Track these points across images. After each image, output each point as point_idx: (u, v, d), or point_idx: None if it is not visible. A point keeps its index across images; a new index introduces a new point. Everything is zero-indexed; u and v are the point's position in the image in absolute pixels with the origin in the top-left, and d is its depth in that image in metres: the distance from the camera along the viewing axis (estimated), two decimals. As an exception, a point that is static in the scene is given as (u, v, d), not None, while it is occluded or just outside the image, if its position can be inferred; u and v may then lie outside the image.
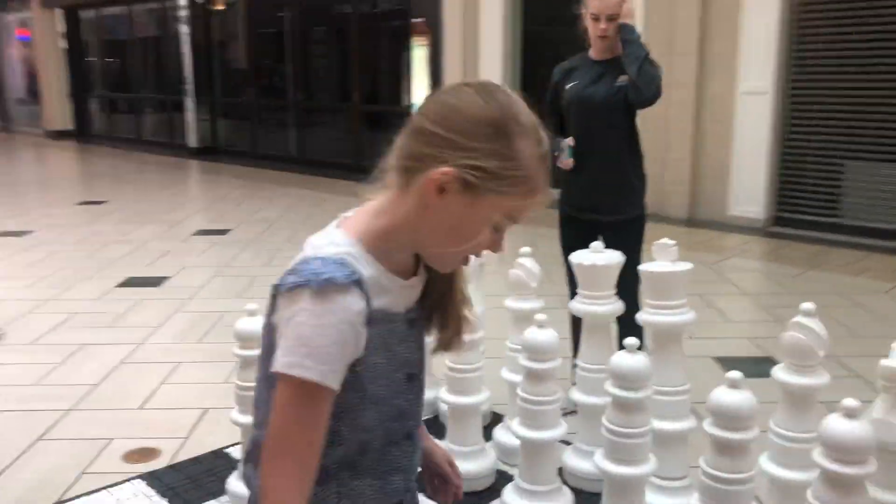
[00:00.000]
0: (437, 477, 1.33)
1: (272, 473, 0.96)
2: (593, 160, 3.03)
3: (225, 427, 2.92)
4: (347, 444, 1.06)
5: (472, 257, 1.07)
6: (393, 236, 1.04)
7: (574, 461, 2.67)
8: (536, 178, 1.00)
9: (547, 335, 2.33)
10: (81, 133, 16.23)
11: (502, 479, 2.66)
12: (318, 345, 0.94)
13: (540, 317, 2.36)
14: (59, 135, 16.00)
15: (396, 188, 1.03)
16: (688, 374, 2.47)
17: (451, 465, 1.35)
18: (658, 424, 2.32)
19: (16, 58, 18.38)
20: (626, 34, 2.94)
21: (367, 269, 1.01)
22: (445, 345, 1.17)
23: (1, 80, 18.61)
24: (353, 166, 10.64)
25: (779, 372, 2.05)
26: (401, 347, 1.09)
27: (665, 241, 2.44)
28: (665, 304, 2.41)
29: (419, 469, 1.25)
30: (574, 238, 3.06)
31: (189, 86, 13.11)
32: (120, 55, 15.84)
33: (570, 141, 3.04)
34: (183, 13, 12.83)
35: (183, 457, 2.94)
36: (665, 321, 2.41)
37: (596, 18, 2.96)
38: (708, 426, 1.91)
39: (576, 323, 3.06)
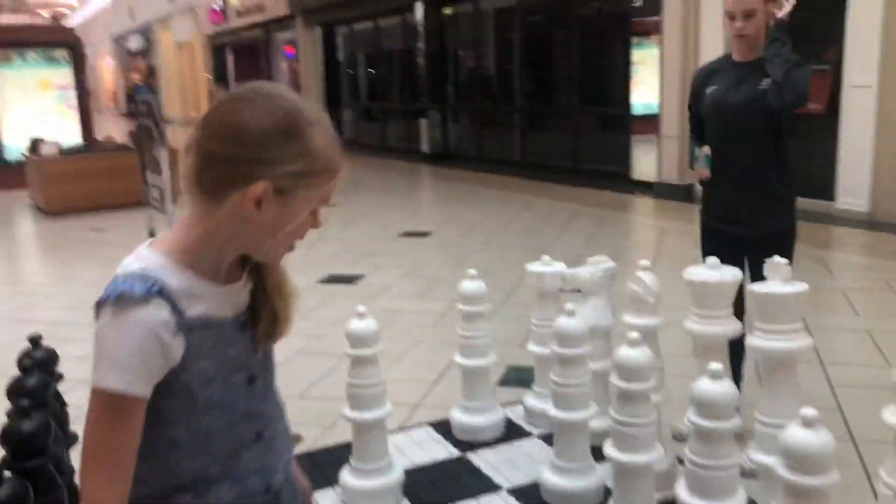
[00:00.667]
0: None
1: (88, 479, 1.03)
2: (733, 169, 2.82)
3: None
4: (192, 452, 1.10)
5: None
6: (208, 247, 1.07)
7: None
8: (335, 161, 1.08)
9: (638, 353, 2.20)
10: (334, 140, 17.73)
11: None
12: (120, 357, 1.00)
13: (633, 335, 2.23)
14: (315, 142, 17.62)
15: (204, 206, 1.06)
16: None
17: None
18: (763, 458, 2.11)
19: (284, 73, 20.55)
20: (775, 31, 2.67)
21: (175, 279, 1.04)
22: (275, 335, 1.20)
23: (272, 93, 20.86)
24: (572, 169, 10.60)
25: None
26: (233, 350, 1.12)
27: (776, 259, 2.20)
28: (777, 328, 2.16)
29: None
30: (715, 251, 2.84)
31: (424, 94, 13.83)
32: (369, 66, 17.09)
33: (706, 149, 2.83)
34: (419, 25, 13.55)
35: (321, 445, 3.15)
36: (777, 347, 2.17)
37: (731, 16, 2.74)
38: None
39: (733, 349, 2.81)
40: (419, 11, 13.39)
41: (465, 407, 3.02)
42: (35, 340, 2.08)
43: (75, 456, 1.20)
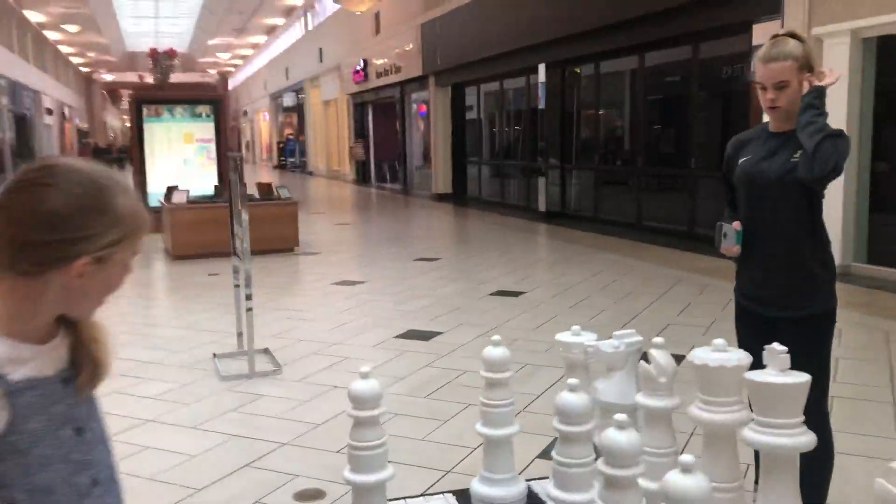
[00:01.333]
0: None
1: None
2: (763, 245, 2.59)
3: (400, 481, 3.04)
4: None
5: None
6: (27, 315, 1.10)
7: None
8: (143, 219, 1.16)
9: (624, 437, 2.05)
10: (458, 196, 18.02)
11: None
12: None
13: (620, 417, 2.08)
14: (440, 197, 17.96)
15: (22, 282, 1.09)
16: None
17: None
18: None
19: (417, 131, 21.19)
20: (809, 97, 2.46)
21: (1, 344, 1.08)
22: (96, 381, 1.21)
23: (406, 150, 21.53)
24: (686, 234, 10.21)
25: None
26: (59, 407, 1.15)
27: (775, 346, 1.99)
28: (773, 422, 1.95)
29: None
30: (747, 334, 2.66)
31: (543, 152, 13.83)
32: (493, 125, 17.34)
33: (736, 225, 2.61)
34: (541, 85, 13.64)
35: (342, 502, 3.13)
36: (772, 443, 1.95)
37: (763, 87, 2.53)
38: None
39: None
40: (542, 73, 13.49)
41: (485, 477, 2.91)
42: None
43: None
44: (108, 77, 52.52)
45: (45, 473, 1.12)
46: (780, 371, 1.99)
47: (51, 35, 38.02)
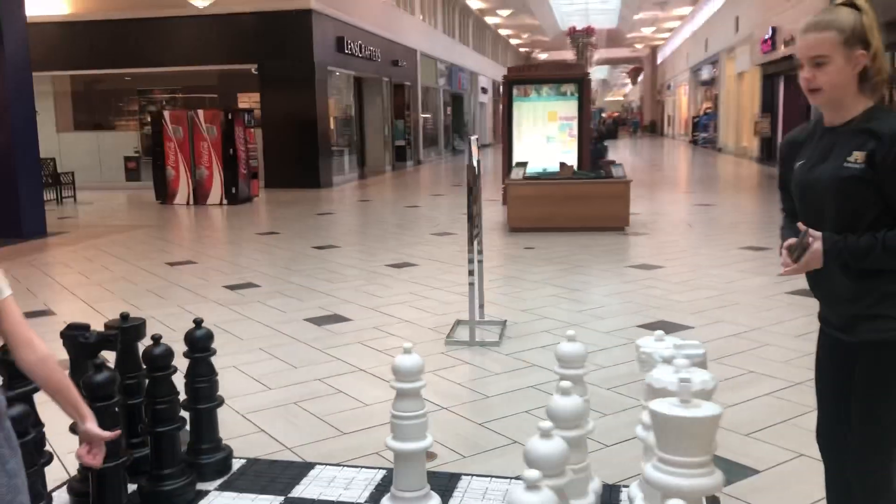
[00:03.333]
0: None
1: None
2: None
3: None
4: None
5: None
6: None
7: None
8: None
9: (569, 401, 1.97)
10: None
11: None
12: None
13: (565, 384, 1.99)
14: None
15: None
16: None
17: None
18: None
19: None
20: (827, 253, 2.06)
21: None
22: None
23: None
24: None
25: None
26: None
27: (676, 363, 1.71)
28: (676, 459, 1.72)
29: None
30: (826, 360, 2.30)
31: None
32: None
33: (807, 238, 2.09)
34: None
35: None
36: (671, 484, 1.72)
37: (801, 65, 2.08)
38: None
39: None
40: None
41: (394, 494, 2.89)
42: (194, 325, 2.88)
43: None
44: (543, 56, 56.18)
45: None
46: (684, 402, 1.76)
47: (490, 20, 42.03)
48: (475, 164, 5.36)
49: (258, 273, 7.85)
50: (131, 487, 3.07)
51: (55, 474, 3.19)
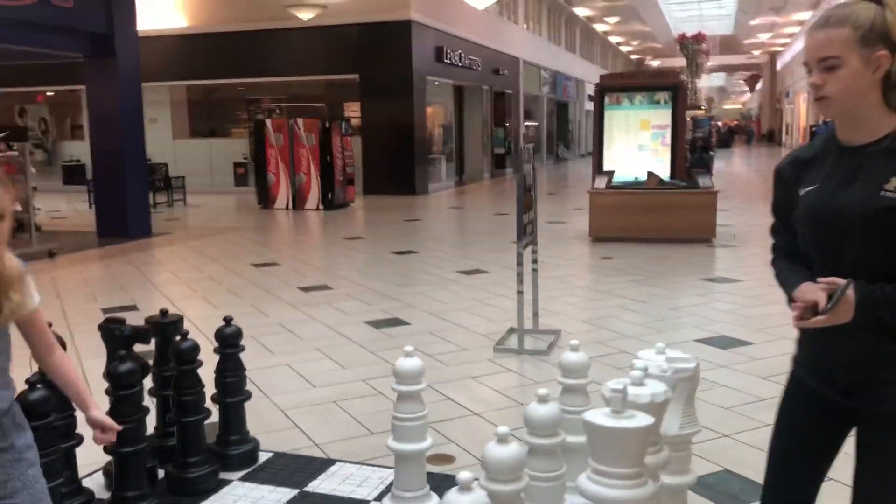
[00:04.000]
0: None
1: None
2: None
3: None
4: None
5: None
6: None
7: None
8: None
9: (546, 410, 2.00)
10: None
11: None
12: None
13: (541, 391, 2.01)
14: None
15: None
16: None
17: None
18: None
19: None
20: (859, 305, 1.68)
21: None
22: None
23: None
24: None
25: None
26: None
27: (633, 375, 1.71)
28: (608, 470, 1.73)
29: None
30: (803, 421, 1.95)
31: None
32: None
33: (838, 283, 1.70)
34: None
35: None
36: (606, 496, 1.73)
37: (809, 70, 1.78)
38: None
39: None
40: None
41: (394, 494, 2.94)
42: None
43: None
44: (655, 63, 55.01)
45: None
46: (614, 412, 1.77)
47: (599, 27, 41.54)
48: (528, 172, 5.37)
49: (334, 276, 8.11)
50: (162, 476, 3.29)
51: (91, 458, 3.44)
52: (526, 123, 28.69)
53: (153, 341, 3.35)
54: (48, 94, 21.12)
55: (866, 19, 1.69)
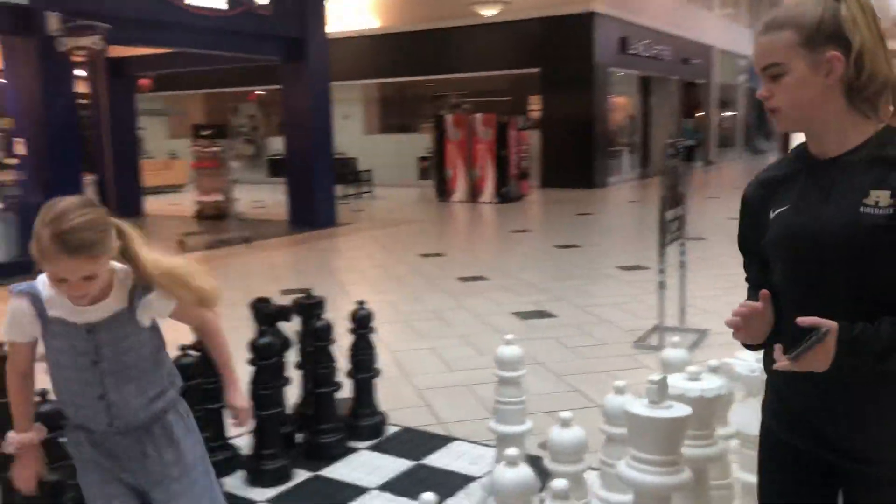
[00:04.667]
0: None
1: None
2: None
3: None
4: (57, 391, 1.94)
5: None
6: None
7: None
8: (46, 249, 1.73)
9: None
10: None
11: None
12: (5, 321, 1.93)
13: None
14: None
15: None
16: None
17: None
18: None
19: None
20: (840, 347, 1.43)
21: (45, 292, 1.87)
22: (197, 302, 1.99)
23: None
24: None
25: None
26: (78, 342, 1.88)
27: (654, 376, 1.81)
28: (648, 458, 1.84)
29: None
30: (780, 474, 1.68)
31: None
32: None
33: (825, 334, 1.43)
34: None
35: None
36: (646, 482, 1.85)
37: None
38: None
39: None
40: None
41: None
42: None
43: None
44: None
45: (60, 373, 1.93)
46: (651, 403, 1.87)
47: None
48: (674, 169, 5.32)
49: (493, 268, 8.37)
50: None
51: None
52: (710, 114, 27.45)
53: (298, 320, 3.76)
54: (258, 93, 23.08)
55: (812, 18, 1.48)
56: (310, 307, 3.74)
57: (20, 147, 8.58)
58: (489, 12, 17.59)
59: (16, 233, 8.52)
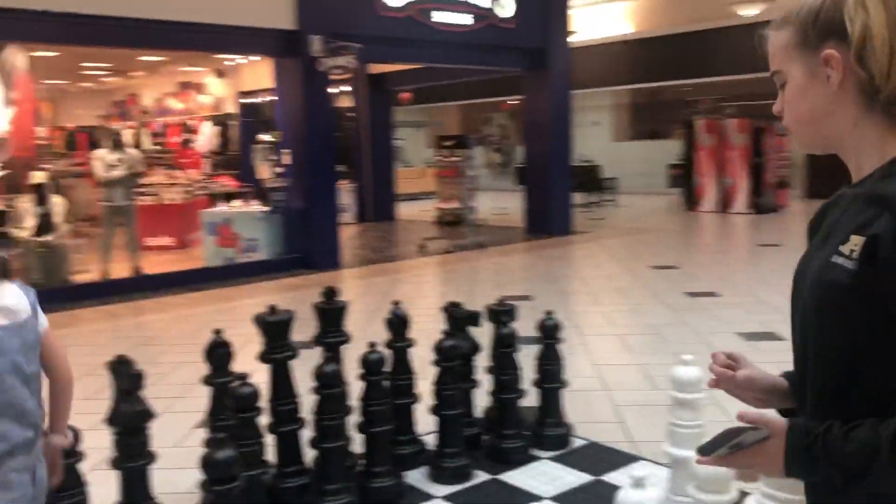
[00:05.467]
0: None
1: None
2: (805, 410, 1.20)
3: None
4: None
5: None
6: None
7: None
8: None
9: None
10: None
11: None
12: None
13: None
14: None
15: None
16: None
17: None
18: None
19: None
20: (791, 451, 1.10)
21: None
22: None
23: None
24: None
25: None
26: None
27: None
28: None
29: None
30: None
31: None
32: None
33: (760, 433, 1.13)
34: None
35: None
36: None
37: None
38: None
39: None
40: None
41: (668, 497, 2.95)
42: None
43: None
44: None
45: None
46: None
47: None
48: None
49: (728, 283, 7.91)
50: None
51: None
52: None
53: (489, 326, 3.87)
54: (511, 103, 23.72)
55: (810, 11, 1.15)
56: (498, 314, 3.84)
57: (286, 157, 9.63)
58: (750, 12, 16.57)
59: (280, 233, 9.59)
